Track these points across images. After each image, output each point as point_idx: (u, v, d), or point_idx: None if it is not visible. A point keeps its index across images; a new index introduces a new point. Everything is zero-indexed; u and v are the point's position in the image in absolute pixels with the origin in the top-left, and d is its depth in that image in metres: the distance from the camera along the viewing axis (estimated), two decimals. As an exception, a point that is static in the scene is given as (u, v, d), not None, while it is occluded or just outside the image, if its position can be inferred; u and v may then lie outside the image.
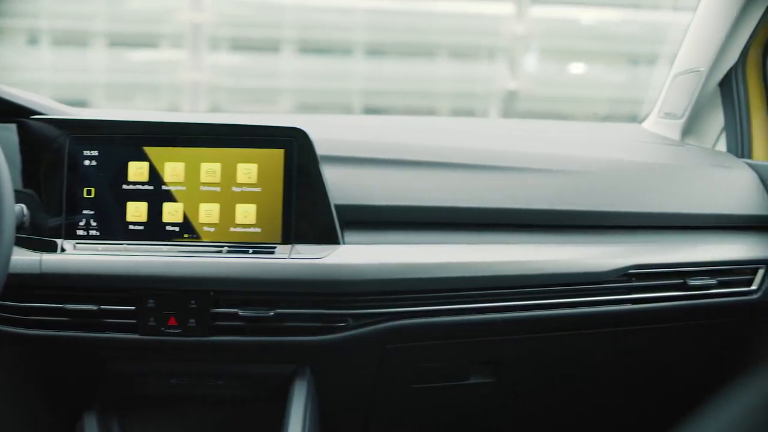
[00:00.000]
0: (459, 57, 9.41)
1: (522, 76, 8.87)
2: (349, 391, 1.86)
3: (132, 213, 1.63)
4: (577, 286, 1.75)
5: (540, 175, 1.85)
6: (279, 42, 8.94)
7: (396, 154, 1.83)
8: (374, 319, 1.65)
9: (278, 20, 8.92)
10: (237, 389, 1.80)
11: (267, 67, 8.97)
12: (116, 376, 1.77)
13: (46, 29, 8.80)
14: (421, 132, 2.05)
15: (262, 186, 1.63)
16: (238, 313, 1.59)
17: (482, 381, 1.89)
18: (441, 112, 9.27)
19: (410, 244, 1.73)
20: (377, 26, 9.12)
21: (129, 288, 1.59)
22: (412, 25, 9.16)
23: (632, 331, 1.88)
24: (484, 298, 1.71)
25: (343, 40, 9.14)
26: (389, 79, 9.17)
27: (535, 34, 8.93)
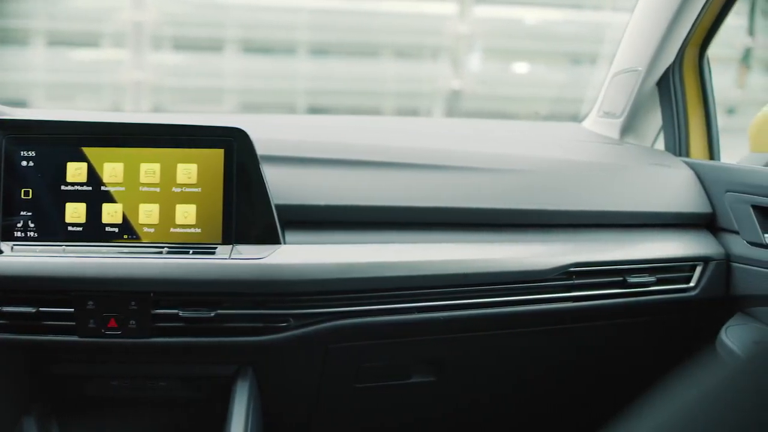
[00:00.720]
0: (403, 56, 9.42)
1: (466, 76, 8.91)
2: (292, 390, 1.86)
3: (71, 214, 1.61)
4: (519, 285, 1.76)
5: (482, 175, 1.86)
6: (222, 41, 8.89)
7: (338, 153, 1.83)
8: (316, 319, 1.65)
9: (221, 19, 8.87)
10: (179, 390, 1.79)
11: (210, 66, 8.91)
12: (55, 379, 1.75)
13: (-15, 28, 8.68)
14: (364, 131, 2.05)
15: (202, 186, 1.62)
16: (179, 314, 1.58)
17: (424, 380, 1.90)
18: (385, 111, 9.28)
19: (352, 243, 1.73)
20: (321, 26, 9.11)
21: (68, 290, 1.57)
22: (357, 25, 9.15)
23: (574, 328, 1.90)
24: (426, 298, 1.71)
25: (287, 39, 9.11)
26: (334, 78, 9.16)
27: (479, 34, 8.97)
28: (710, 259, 1.92)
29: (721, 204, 1.96)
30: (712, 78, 2.34)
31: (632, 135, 2.43)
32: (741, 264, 1.91)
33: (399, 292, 1.69)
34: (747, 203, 1.87)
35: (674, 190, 2.00)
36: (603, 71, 2.58)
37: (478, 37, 8.97)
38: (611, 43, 2.55)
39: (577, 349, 2.00)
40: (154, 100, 8.64)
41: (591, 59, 7.94)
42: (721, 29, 2.25)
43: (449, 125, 2.79)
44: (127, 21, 8.47)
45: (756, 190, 1.85)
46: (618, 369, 2.10)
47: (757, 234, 1.84)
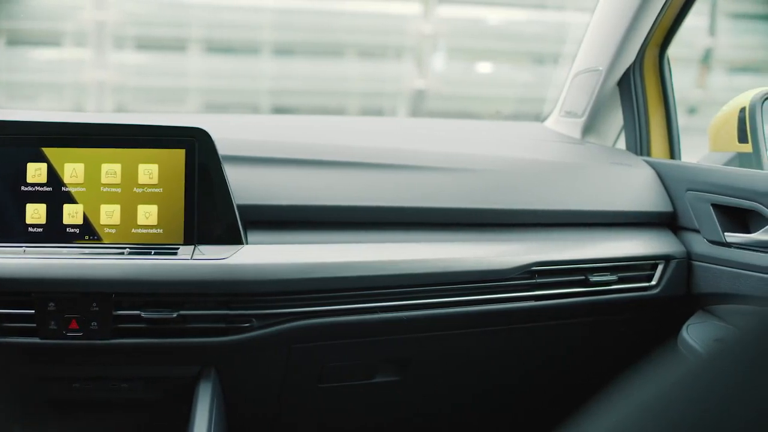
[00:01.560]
0: (367, 56, 9.42)
1: (429, 75, 8.92)
2: (256, 391, 1.86)
3: (31, 215, 1.60)
4: (481, 284, 1.77)
5: (445, 174, 1.86)
6: (185, 41, 8.85)
7: (301, 153, 1.83)
8: (279, 319, 1.65)
9: (184, 19, 8.83)
10: (141, 392, 1.78)
11: (174, 66, 8.87)
12: (15, 381, 1.73)
13: (-57, 27, 8.59)
14: (328, 131, 2.06)
15: (164, 186, 1.61)
16: (141, 315, 1.58)
17: (388, 379, 1.90)
18: (350, 111, 9.27)
19: (314, 243, 1.73)
20: (285, 25, 9.09)
21: (28, 291, 1.56)
22: (321, 25, 9.15)
23: (537, 327, 1.91)
24: (389, 297, 1.71)
25: (251, 39, 9.08)
26: (298, 78, 9.15)
27: (443, 34, 8.99)
28: (671, 258, 1.94)
29: (682, 203, 1.98)
30: (673, 78, 2.36)
31: (594, 134, 2.45)
32: (702, 262, 1.93)
33: (362, 291, 1.69)
34: (707, 202, 1.89)
35: (635, 189, 2.02)
36: (565, 71, 2.60)
37: (441, 36, 8.99)
38: (573, 43, 2.57)
39: (539, 349, 2.01)
40: (117, 100, 8.58)
41: (554, 59, 7.98)
42: (682, 30, 2.27)
43: (413, 125, 2.80)
44: (89, 20, 8.41)
45: (716, 188, 1.87)
46: (581, 367, 2.11)
47: (718, 232, 1.86)
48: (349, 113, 9.30)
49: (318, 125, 2.33)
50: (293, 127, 2.16)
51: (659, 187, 2.03)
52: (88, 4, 8.42)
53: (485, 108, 8.80)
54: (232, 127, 1.88)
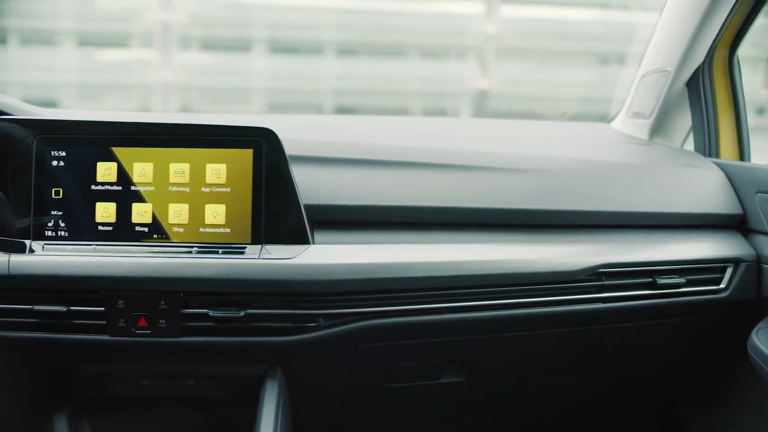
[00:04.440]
0: (430, 56, 9.42)
1: (493, 76, 8.89)
2: (322, 390, 1.86)
3: (101, 213, 1.62)
4: (548, 285, 1.76)
5: (511, 175, 1.85)
6: (250, 41, 8.91)
7: (366, 154, 1.83)
8: (345, 319, 1.65)
9: (249, 20, 8.90)
10: (208, 390, 1.80)
11: (238, 66, 8.94)
12: (87, 378, 1.76)
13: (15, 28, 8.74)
14: (392, 132, 2.05)
15: (231, 186, 1.62)
16: (209, 313, 1.59)
17: (454, 380, 1.90)
18: (412, 111, 9.28)
19: (380, 243, 1.73)
20: (348, 26, 9.12)
21: (98, 289, 1.58)
22: (384, 25, 9.16)
23: (603, 329, 1.89)
24: (456, 298, 1.71)
25: (314, 39, 9.12)
26: (360, 78, 9.17)
27: (506, 34, 8.96)
28: (741, 261, 1.90)
29: (752, 205, 1.95)
30: (742, 78, 2.32)
31: (661, 136, 2.42)
32: None
33: (428, 292, 1.68)
34: None
35: (704, 191, 1.99)
36: (631, 71, 2.57)
37: (505, 36, 8.95)
38: (639, 43, 2.54)
39: (606, 351, 2.00)
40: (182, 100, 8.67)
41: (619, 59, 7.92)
42: (752, 29, 2.23)
43: (477, 126, 2.78)
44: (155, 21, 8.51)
45: None
46: (648, 370, 2.09)
47: None
48: (412, 113, 9.31)
49: (381, 126, 2.34)
50: (357, 128, 2.16)
51: (728, 189, 2.00)
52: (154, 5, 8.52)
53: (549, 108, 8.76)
54: (296, 127, 1.89)
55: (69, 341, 1.62)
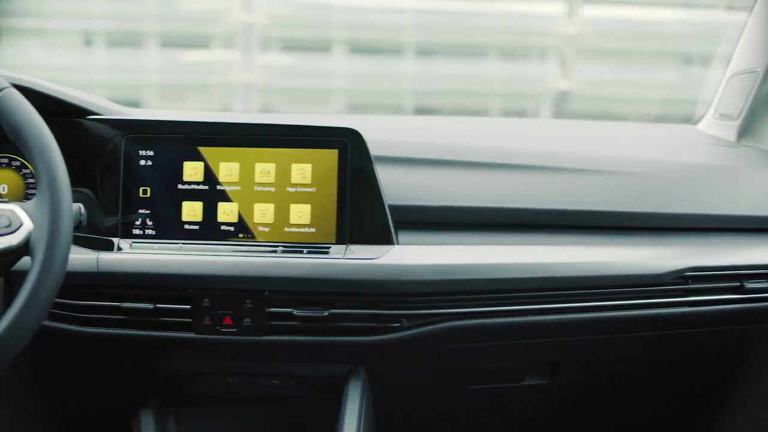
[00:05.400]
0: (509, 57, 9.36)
1: (573, 76, 8.81)
2: (404, 391, 1.86)
3: (187, 212, 1.65)
4: (633, 288, 1.74)
5: (593, 177, 1.84)
6: (329, 42, 8.94)
7: (449, 154, 1.83)
8: (429, 319, 1.65)
9: (328, 21, 8.94)
10: (292, 389, 1.81)
11: (318, 67, 8.98)
12: (172, 375, 1.78)
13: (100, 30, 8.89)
14: (472, 132, 2.05)
15: (317, 186, 1.64)
16: (293, 312, 1.60)
17: (538, 382, 1.89)
18: (491, 112, 9.23)
19: (464, 245, 1.72)
20: (427, 26, 9.11)
21: (184, 287, 1.60)
22: (463, 25, 9.13)
23: (688, 334, 1.87)
24: (540, 300, 1.70)
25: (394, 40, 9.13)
26: (440, 79, 9.15)
27: (587, 34, 8.87)
28: None
29: None
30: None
31: (750, 138, 2.37)
32: None
33: (512, 294, 1.68)
34: None
35: None
36: (717, 72, 2.53)
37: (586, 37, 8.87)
38: (725, 44, 2.50)
39: (687, 356, 1.97)
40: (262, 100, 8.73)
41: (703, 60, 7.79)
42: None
43: (557, 127, 2.76)
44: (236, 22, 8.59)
45: None
46: (734, 377, 2.05)
47: None
48: (491, 114, 9.26)
49: (461, 126, 2.33)
50: (438, 128, 2.16)
51: None
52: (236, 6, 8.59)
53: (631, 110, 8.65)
54: (376, 127, 1.90)
55: (155, 338, 1.65)
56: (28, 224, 1.32)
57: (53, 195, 1.30)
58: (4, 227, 1.31)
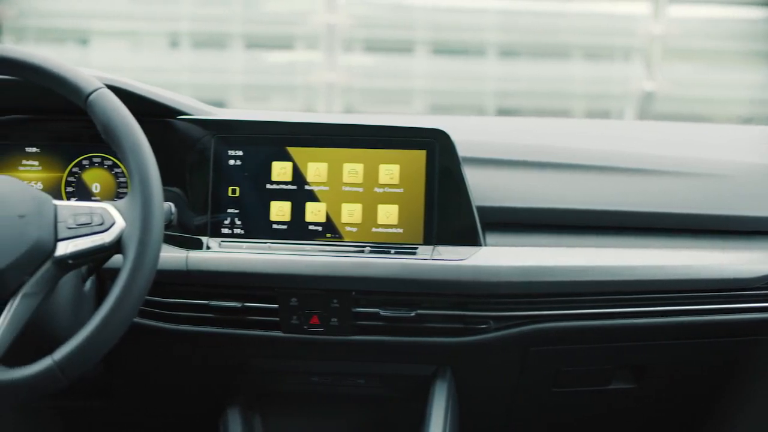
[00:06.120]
0: (593, 57, 9.30)
1: (659, 77, 8.71)
2: (489, 392, 1.86)
3: (276, 212, 1.65)
4: (721, 293, 1.71)
5: (681, 179, 1.81)
6: (412, 43, 8.97)
7: (535, 156, 1.81)
8: (516, 321, 1.64)
9: (411, 21, 8.96)
10: (377, 389, 1.81)
11: (400, 68, 9.01)
12: (259, 373, 1.80)
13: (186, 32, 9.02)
14: (556, 134, 2.04)
15: (404, 187, 1.63)
16: (380, 313, 1.60)
17: (624, 386, 1.86)
18: (575, 113, 9.17)
19: (551, 246, 1.71)
20: (510, 27, 9.08)
21: (272, 286, 1.61)
22: (546, 26, 9.09)
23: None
24: (627, 303, 1.68)
25: (476, 40, 9.12)
26: (522, 79, 9.12)
27: (673, 34, 8.76)
28: None
29: None
30: None
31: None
32: None
33: (600, 296, 1.66)
34: None
35: None
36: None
37: (672, 37, 8.76)
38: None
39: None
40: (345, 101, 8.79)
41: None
42: None
43: (643, 128, 2.73)
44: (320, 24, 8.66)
45: None
46: None
47: None
48: (575, 115, 9.21)
49: (545, 127, 2.31)
50: (522, 130, 2.15)
51: None
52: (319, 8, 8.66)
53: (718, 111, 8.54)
54: (460, 128, 1.89)
55: (243, 336, 1.66)
56: (121, 222, 1.33)
57: (145, 194, 1.32)
58: (97, 225, 1.33)
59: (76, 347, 1.26)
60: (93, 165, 1.75)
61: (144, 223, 1.31)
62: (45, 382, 1.26)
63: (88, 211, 1.35)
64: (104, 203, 1.37)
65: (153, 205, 1.33)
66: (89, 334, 1.26)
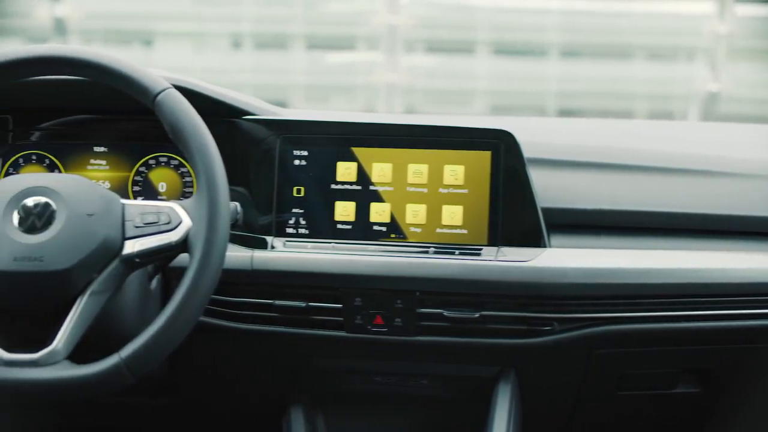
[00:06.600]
0: (656, 58, 9.21)
1: (723, 77, 8.60)
2: (553, 394, 1.84)
3: (340, 212, 1.65)
4: None
5: (747, 181, 1.78)
6: (473, 43, 8.96)
7: (599, 157, 1.80)
8: (580, 323, 1.63)
9: (472, 22, 8.95)
10: (440, 389, 1.81)
11: (461, 68, 9.00)
12: (321, 372, 1.80)
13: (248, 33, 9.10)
14: (619, 135, 2.02)
15: (469, 188, 1.62)
16: (444, 313, 1.60)
17: (690, 390, 1.84)
18: (637, 114, 9.10)
19: (616, 248, 1.69)
20: (572, 27, 9.04)
21: (336, 286, 1.61)
22: (608, 26, 9.03)
23: None
24: (694, 306, 1.66)
25: (537, 41, 9.09)
26: (584, 80, 9.07)
27: (739, 33, 8.64)
28: None
29: None
30: None
31: None
32: None
33: (666, 299, 1.64)
34: None
35: None
36: None
37: (738, 36, 8.64)
38: None
39: None
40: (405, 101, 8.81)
41: None
42: None
43: (707, 129, 2.70)
44: (381, 24, 8.68)
45: None
46: None
47: None
48: (637, 116, 9.13)
49: (608, 128, 2.29)
50: (584, 131, 2.13)
51: None
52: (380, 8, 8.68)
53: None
54: (522, 129, 1.88)
55: (307, 336, 1.66)
56: (187, 222, 1.34)
57: (212, 193, 1.33)
58: (164, 224, 1.34)
59: (142, 345, 1.27)
60: (159, 164, 1.77)
61: (211, 223, 1.32)
62: (112, 379, 1.27)
63: (155, 210, 1.36)
64: (171, 202, 1.38)
65: (219, 205, 1.33)
66: (156, 332, 1.27)
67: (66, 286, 1.30)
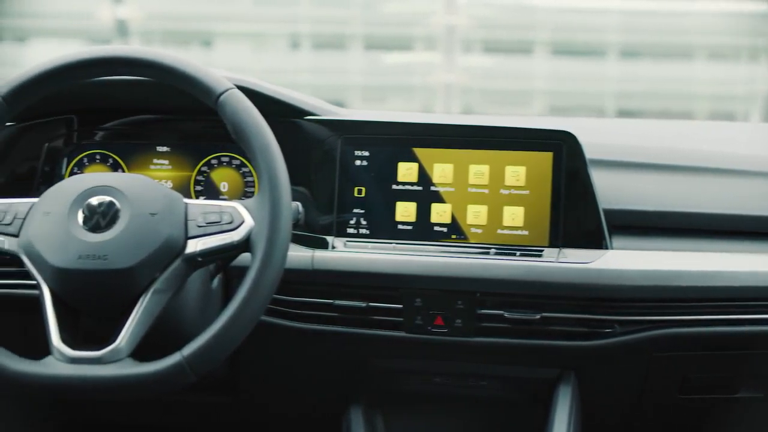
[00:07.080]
0: (718, 58, 9.11)
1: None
2: (613, 397, 1.82)
3: (401, 213, 1.65)
4: None
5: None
6: (531, 44, 8.92)
7: (661, 158, 1.78)
8: (642, 326, 1.61)
9: (531, 22, 8.91)
10: (499, 391, 1.80)
11: (519, 68, 8.97)
12: (380, 372, 1.80)
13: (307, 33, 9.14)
14: (681, 136, 1.99)
15: (531, 189, 1.61)
16: (504, 314, 1.58)
17: (753, 395, 1.81)
18: (697, 115, 9.00)
19: (680, 251, 1.67)
20: (632, 27, 8.97)
21: (397, 286, 1.61)
22: (668, 26, 8.95)
23: None
24: (756, 309, 1.63)
25: (597, 41, 9.03)
26: (644, 80, 8.99)
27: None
28: None
29: None
30: None
31: None
32: None
33: (729, 302, 1.62)
34: None
35: None
36: None
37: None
38: None
39: None
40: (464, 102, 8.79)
41: None
42: None
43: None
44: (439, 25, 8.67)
45: None
46: None
47: None
48: (698, 117, 9.03)
49: (669, 129, 2.26)
50: (644, 132, 2.11)
51: None
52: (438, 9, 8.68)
53: None
54: (582, 129, 1.86)
55: (367, 336, 1.66)
56: (249, 221, 1.34)
57: (274, 193, 1.33)
58: (227, 224, 1.34)
59: (204, 344, 1.27)
60: (221, 164, 1.78)
61: (272, 223, 1.32)
62: (174, 378, 1.28)
63: (218, 209, 1.36)
64: (233, 202, 1.38)
65: (282, 205, 1.33)
66: (218, 331, 1.28)
67: (129, 284, 1.31)
